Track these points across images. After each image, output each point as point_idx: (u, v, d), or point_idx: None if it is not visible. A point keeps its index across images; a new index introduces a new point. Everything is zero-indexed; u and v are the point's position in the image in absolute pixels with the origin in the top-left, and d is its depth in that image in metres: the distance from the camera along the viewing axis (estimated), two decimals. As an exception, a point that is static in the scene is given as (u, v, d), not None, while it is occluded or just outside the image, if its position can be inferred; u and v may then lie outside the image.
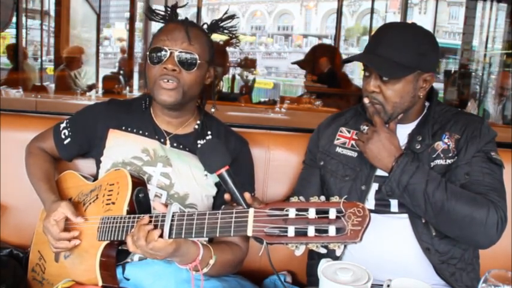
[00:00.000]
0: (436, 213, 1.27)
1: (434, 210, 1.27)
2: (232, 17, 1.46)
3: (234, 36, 1.49)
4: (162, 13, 1.44)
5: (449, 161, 1.36)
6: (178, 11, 1.44)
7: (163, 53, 1.34)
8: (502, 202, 1.30)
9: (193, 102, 1.46)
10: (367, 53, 1.38)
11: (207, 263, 1.23)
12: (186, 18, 1.43)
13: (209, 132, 1.49)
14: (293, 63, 6.81)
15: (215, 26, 1.45)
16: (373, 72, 1.35)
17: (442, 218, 1.28)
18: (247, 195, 1.14)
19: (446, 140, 1.39)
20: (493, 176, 1.34)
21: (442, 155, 1.37)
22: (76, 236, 1.31)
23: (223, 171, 1.17)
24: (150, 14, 1.46)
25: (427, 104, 1.47)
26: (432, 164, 1.37)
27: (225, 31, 1.46)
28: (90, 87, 5.42)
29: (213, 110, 1.53)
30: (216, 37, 1.49)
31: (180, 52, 1.34)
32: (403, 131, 1.42)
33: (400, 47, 1.32)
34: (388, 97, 1.34)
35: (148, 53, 1.37)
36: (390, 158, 1.31)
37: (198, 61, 1.35)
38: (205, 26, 1.46)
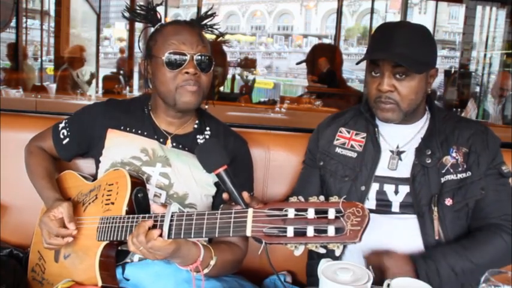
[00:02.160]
0: (468, 277, 1.32)
1: (467, 277, 1.32)
2: (212, 14, 1.46)
3: (220, 34, 1.50)
4: (142, 13, 1.43)
5: (460, 176, 1.38)
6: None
7: (182, 57, 1.33)
8: None
9: None
10: (382, 52, 1.35)
11: (208, 263, 1.23)
12: (192, 20, 1.43)
13: (208, 130, 1.49)
14: (298, 63, 6.82)
15: (197, 24, 1.44)
16: (385, 71, 1.33)
17: (473, 276, 1.29)
18: (245, 194, 1.14)
19: (454, 154, 1.39)
20: (505, 192, 1.40)
21: (452, 170, 1.38)
22: (73, 235, 1.30)
23: (221, 170, 1.17)
24: (132, 14, 1.46)
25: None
26: (443, 179, 1.37)
27: (209, 29, 1.46)
28: (90, 81, 5.43)
29: (206, 106, 1.53)
30: (211, 37, 1.49)
31: (198, 55, 1.34)
32: (409, 131, 1.44)
33: (416, 45, 1.33)
34: (404, 95, 1.34)
35: (163, 57, 1.34)
36: (412, 273, 1.30)
37: (213, 62, 1.37)
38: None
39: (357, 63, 1.46)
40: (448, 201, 1.36)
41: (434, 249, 1.34)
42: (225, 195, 1.17)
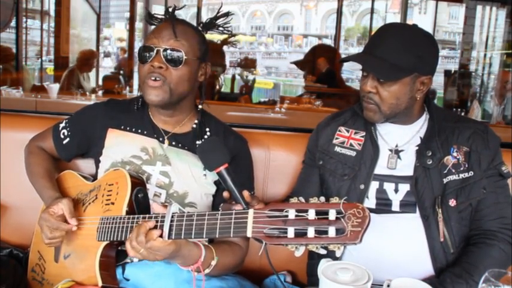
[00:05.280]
0: None
1: None
2: (227, 14, 1.45)
3: (230, 34, 1.49)
4: (161, 16, 1.44)
5: (462, 175, 1.38)
6: (178, 11, 1.44)
7: (150, 51, 1.34)
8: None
9: (187, 100, 1.45)
10: (365, 54, 1.38)
11: (209, 264, 1.23)
12: (173, 15, 1.42)
13: (207, 129, 1.49)
14: (292, 63, 6.84)
15: (210, 24, 1.45)
16: (370, 73, 1.35)
17: None
18: (245, 193, 1.14)
19: (455, 154, 1.39)
20: (503, 194, 1.40)
21: (453, 170, 1.38)
22: (73, 229, 1.29)
23: (222, 169, 1.17)
24: (149, 18, 1.46)
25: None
26: (445, 180, 1.38)
27: (220, 29, 1.46)
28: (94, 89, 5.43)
29: (200, 106, 1.51)
30: (214, 37, 1.49)
31: (166, 49, 1.34)
32: (407, 131, 1.44)
33: (398, 49, 1.32)
34: (384, 98, 1.35)
35: (137, 52, 1.38)
36: None
37: (185, 57, 1.35)
38: (201, 25, 1.46)
39: (340, 62, 1.49)
40: (452, 202, 1.37)
41: (443, 277, 1.33)
42: (225, 194, 1.17)
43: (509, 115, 4.56)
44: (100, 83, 6.23)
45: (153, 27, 1.44)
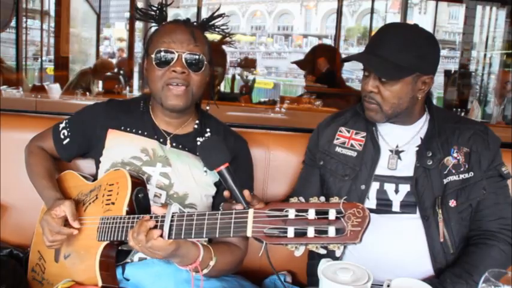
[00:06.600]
0: None
1: None
2: (221, 15, 1.45)
3: (226, 34, 1.49)
4: (151, 12, 1.43)
5: (462, 176, 1.38)
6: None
7: (170, 55, 1.33)
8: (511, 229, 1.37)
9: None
10: (367, 53, 1.38)
11: (207, 264, 1.23)
12: (188, 19, 1.42)
13: (208, 130, 1.49)
14: (293, 62, 6.84)
15: (205, 25, 1.45)
16: (372, 72, 1.36)
17: None
18: (246, 192, 1.15)
19: (455, 155, 1.40)
20: (503, 195, 1.41)
21: (453, 171, 1.39)
22: (74, 233, 1.29)
23: (222, 168, 1.17)
24: (138, 13, 1.46)
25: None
26: (445, 180, 1.38)
27: (216, 29, 1.46)
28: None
29: (207, 107, 1.53)
30: (215, 37, 1.49)
31: (188, 54, 1.34)
32: (408, 132, 1.44)
33: (400, 48, 1.33)
34: (386, 98, 1.35)
35: (153, 55, 1.35)
36: None
37: (205, 62, 1.36)
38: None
39: (342, 61, 1.49)
40: (452, 203, 1.37)
41: (443, 277, 1.33)
42: (226, 193, 1.18)
43: (509, 115, 4.56)
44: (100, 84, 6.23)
45: (153, 27, 1.44)
